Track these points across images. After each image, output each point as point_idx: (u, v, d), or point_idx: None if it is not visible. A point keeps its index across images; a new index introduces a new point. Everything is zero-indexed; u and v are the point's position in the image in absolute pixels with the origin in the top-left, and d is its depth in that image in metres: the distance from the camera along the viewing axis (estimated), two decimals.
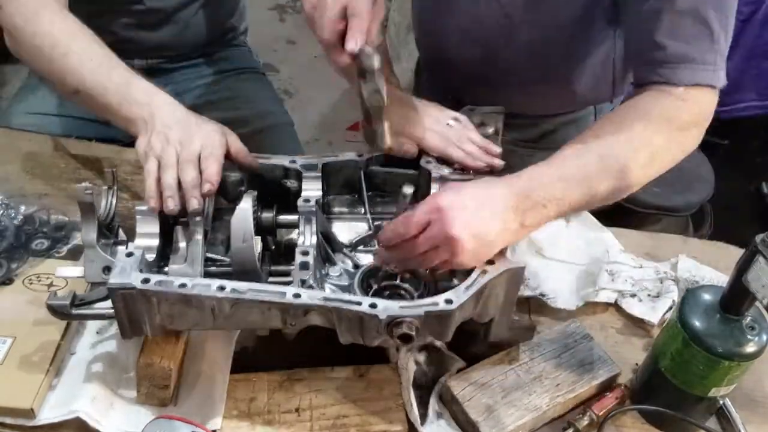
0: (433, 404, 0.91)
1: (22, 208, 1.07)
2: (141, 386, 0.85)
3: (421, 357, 0.97)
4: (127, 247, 0.84)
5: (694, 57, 0.93)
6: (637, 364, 1.00)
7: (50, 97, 1.45)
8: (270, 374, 0.91)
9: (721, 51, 0.95)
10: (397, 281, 0.90)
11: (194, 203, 0.86)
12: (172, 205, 0.86)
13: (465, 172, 0.99)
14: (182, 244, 0.88)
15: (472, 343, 0.95)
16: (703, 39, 0.93)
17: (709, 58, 0.94)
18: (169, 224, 0.90)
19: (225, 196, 0.93)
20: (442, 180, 0.98)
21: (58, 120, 1.44)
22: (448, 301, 0.80)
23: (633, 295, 1.08)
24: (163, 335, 0.85)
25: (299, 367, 0.92)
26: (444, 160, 1.00)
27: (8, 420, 0.84)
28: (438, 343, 0.97)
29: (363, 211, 1.02)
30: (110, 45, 1.14)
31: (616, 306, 1.10)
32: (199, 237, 0.86)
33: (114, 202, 0.93)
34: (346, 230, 1.01)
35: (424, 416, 0.90)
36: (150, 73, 1.35)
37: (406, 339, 0.79)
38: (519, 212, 0.83)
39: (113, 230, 0.94)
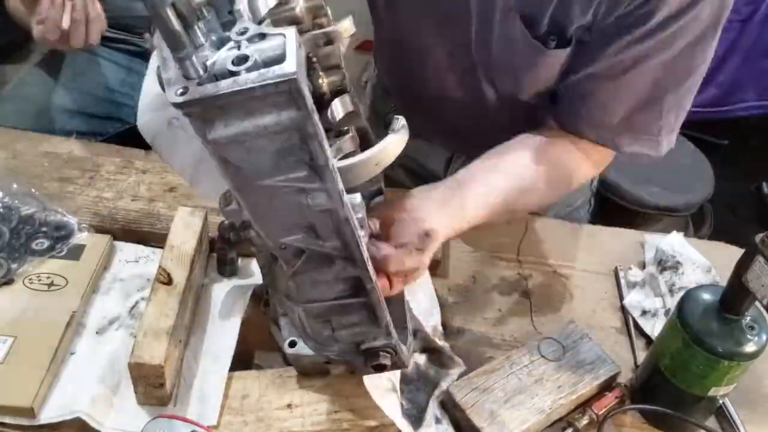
0: (432, 409, 0.91)
1: (22, 208, 1.07)
2: (137, 386, 0.85)
3: (422, 359, 0.97)
4: None
5: (637, 127, 0.95)
6: (636, 364, 1.01)
7: (63, 72, 1.46)
8: (262, 372, 0.91)
9: (669, 125, 0.96)
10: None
11: None
12: None
13: None
14: None
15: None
16: (651, 111, 0.95)
17: (653, 128, 0.96)
18: None
19: None
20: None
21: (72, 93, 1.45)
22: None
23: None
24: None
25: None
26: None
27: (8, 419, 0.84)
28: (440, 343, 0.97)
29: None
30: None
31: (615, 305, 1.10)
32: None
33: None
34: None
35: (418, 419, 0.89)
36: None
37: (380, 368, 0.79)
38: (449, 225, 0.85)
39: None
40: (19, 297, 0.95)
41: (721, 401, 0.93)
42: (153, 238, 1.09)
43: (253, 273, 1.04)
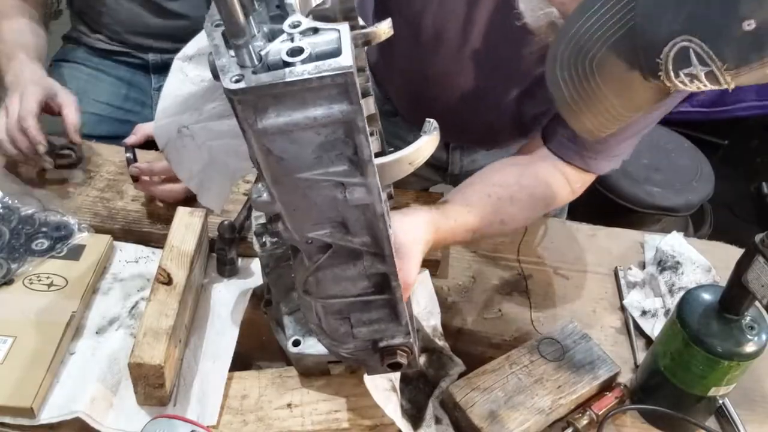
0: (432, 408, 0.91)
1: (22, 208, 1.07)
2: (137, 386, 0.85)
3: (422, 359, 0.97)
4: None
5: (616, 152, 0.99)
6: (636, 364, 1.01)
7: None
8: (262, 372, 0.91)
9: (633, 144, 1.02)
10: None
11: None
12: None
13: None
14: None
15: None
16: (629, 141, 1.00)
17: (624, 150, 1.01)
18: None
19: None
20: None
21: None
22: None
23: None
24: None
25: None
26: None
27: (8, 419, 0.84)
28: (440, 344, 0.97)
29: None
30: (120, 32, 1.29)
31: (615, 305, 1.10)
32: None
33: None
34: None
35: (418, 419, 0.89)
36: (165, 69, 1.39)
37: (396, 367, 0.79)
38: (429, 245, 0.88)
39: None
40: (19, 297, 0.95)
41: (721, 401, 0.93)
42: (153, 238, 1.09)
43: (253, 273, 1.04)
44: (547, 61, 0.71)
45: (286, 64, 0.53)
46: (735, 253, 0.85)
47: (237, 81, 0.52)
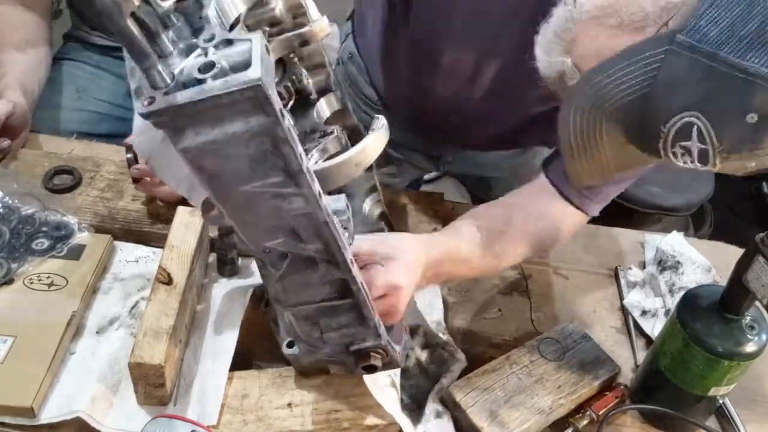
0: (432, 404, 0.91)
1: (22, 208, 1.07)
2: (137, 386, 0.84)
3: (423, 355, 0.97)
4: None
5: (609, 192, 1.00)
6: (636, 364, 1.01)
7: (67, 91, 1.46)
8: (262, 371, 0.91)
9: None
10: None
11: None
12: None
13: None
14: None
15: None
16: (619, 184, 1.00)
17: (614, 193, 1.00)
18: None
19: None
20: None
21: (76, 114, 1.45)
22: None
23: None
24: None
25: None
26: None
27: (8, 419, 0.84)
28: (444, 338, 0.97)
29: None
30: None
31: (615, 305, 1.10)
32: None
33: None
34: None
35: (419, 414, 0.89)
36: None
37: (371, 369, 0.79)
38: (423, 277, 0.87)
39: None
40: (19, 297, 0.95)
41: (721, 401, 0.93)
42: (153, 237, 1.09)
43: (253, 273, 1.04)
44: (564, 103, 0.73)
45: (199, 81, 0.50)
46: (735, 253, 0.85)
47: (149, 104, 0.50)
